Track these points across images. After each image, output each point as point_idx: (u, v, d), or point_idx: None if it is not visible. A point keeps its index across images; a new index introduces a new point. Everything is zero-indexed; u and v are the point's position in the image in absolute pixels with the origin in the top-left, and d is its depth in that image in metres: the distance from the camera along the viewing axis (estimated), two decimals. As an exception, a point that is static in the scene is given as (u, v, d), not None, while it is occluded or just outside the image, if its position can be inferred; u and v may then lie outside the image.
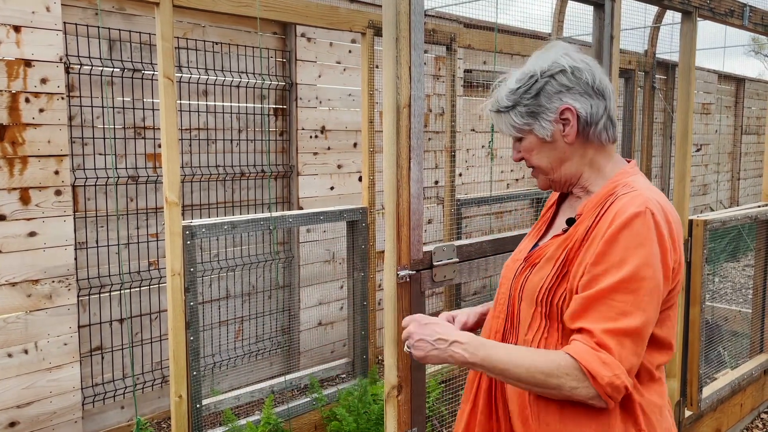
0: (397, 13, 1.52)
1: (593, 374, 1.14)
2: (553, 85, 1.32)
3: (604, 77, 1.35)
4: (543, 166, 1.38)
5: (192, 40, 3.65)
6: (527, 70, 1.36)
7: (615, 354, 1.15)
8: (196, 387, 2.80)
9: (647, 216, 1.20)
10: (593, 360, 1.15)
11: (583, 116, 1.32)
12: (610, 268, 1.19)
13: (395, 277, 1.59)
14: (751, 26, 3.02)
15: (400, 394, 1.65)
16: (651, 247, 1.19)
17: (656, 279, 1.19)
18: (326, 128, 4.30)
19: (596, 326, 1.17)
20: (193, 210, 3.71)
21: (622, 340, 1.16)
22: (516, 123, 1.36)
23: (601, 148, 1.36)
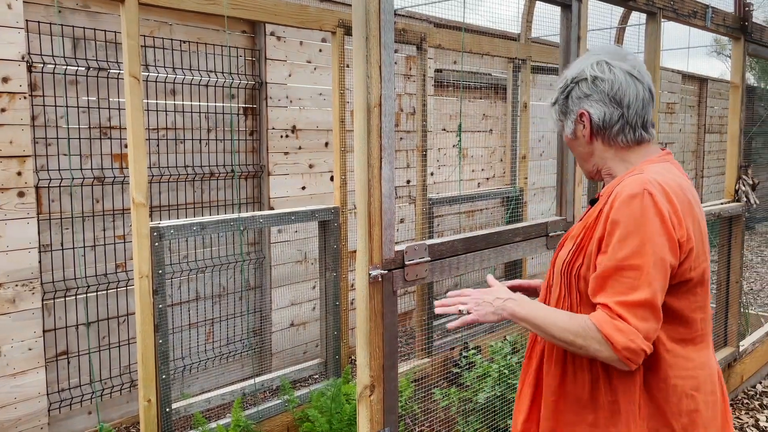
0: (366, 12, 1.52)
1: (610, 340, 1.30)
2: (576, 91, 1.50)
3: (627, 85, 1.47)
4: (576, 156, 1.60)
5: (159, 39, 3.59)
6: (566, 74, 1.54)
7: (630, 323, 1.30)
8: (166, 391, 2.76)
9: (645, 196, 1.33)
10: (610, 327, 1.30)
11: (596, 121, 1.49)
12: (617, 248, 1.33)
13: (367, 277, 1.59)
14: (713, 27, 3.09)
15: (372, 394, 1.65)
16: (650, 225, 1.32)
17: (658, 253, 1.32)
18: (297, 128, 4.28)
19: (611, 300, 1.32)
20: (162, 211, 3.65)
21: (635, 311, 1.30)
22: (555, 117, 1.58)
23: (626, 147, 1.50)
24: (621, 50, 1.53)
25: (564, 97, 1.52)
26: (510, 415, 3.05)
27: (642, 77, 1.48)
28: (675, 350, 1.41)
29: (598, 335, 1.31)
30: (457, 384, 3.63)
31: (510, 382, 3.19)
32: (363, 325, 1.62)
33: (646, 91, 1.48)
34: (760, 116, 8.93)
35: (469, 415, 3.16)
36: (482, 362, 3.40)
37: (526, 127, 4.64)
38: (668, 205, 1.35)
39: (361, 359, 1.64)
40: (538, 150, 6.52)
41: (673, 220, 1.34)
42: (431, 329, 4.05)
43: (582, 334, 1.33)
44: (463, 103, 5.67)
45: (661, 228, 1.32)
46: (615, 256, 1.33)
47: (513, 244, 2.06)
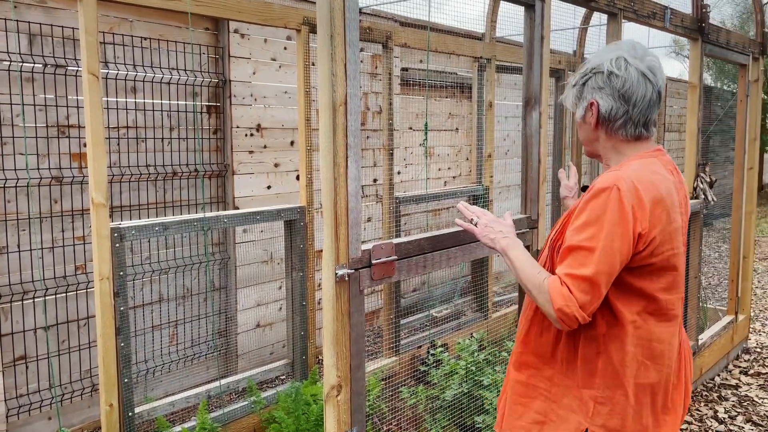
0: (331, 10, 1.50)
1: (551, 298, 1.49)
2: (592, 81, 1.65)
3: (637, 85, 1.61)
4: (581, 138, 1.76)
5: (119, 35, 3.51)
6: (590, 63, 1.68)
7: (572, 292, 1.48)
8: (128, 394, 2.70)
9: (613, 191, 1.50)
10: (556, 290, 1.49)
11: (602, 113, 1.64)
12: (577, 231, 1.52)
13: (334, 276, 1.58)
14: (671, 28, 3.16)
15: (339, 394, 1.63)
16: (609, 216, 1.49)
17: (609, 242, 1.48)
18: (262, 126, 4.23)
19: (562, 271, 1.52)
20: (123, 211, 3.57)
21: (578, 283, 1.48)
22: (571, 101, 1.72)
23: (625, 141, 1.66)
24: (642, 49, 1.64)
25: (582, 83, 1.67)
26: (477, 412, 3.08)
27: (654, 79, 1.62)
28: (636, 322, 1.58)
29: (547, 294, 1.50)
30: (424, 382, 3.64)
31: (477, 378, 3.21)
32: (330, 325, 1.60)
33: (654, 92, 1.62)
34: (717, 115, 9.18)
35: (437, 413, 3.18)
36: (449, 360, 3.42)
37: (491, 126, 4.68)
38: (634, 199, 1.49)
39: (327, 359, 1.62)
40: (504, 148, 6.58)
41: (636, 214, 1.49)
42: (399, 328, 4.05)
43: (537, 289, 1.54)
44: (429, 102, 5.69)
45: (618, 220, 1.48)
46: (574, 237, 1.52)
47: (479, 243, 2.07)
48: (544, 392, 1.68)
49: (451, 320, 4.67)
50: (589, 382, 1.60)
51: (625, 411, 1.58)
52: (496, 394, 3.06)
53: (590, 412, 1.59)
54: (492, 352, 3.53)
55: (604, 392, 1.58)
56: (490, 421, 2.95)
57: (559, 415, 1.64)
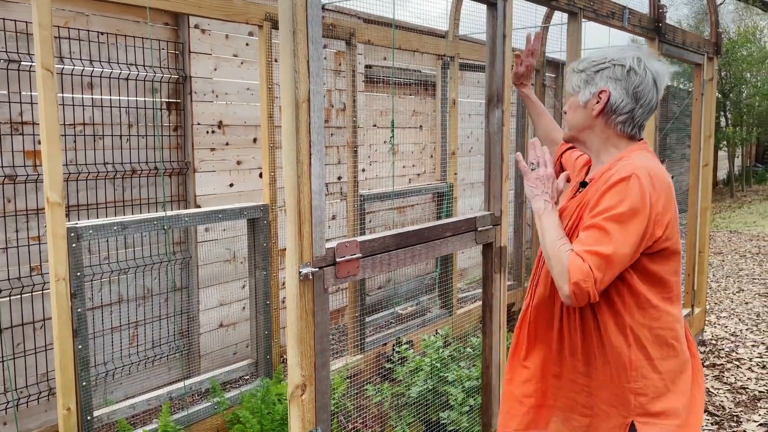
0: (293, 6, 1.49)
1: (569, 270, 1.54)
2: (610, 71, 1.70)
3: (649, 89, 1.70)
4: (571, 122, 1.79)
5: (74, 30, 3.42)
6: (608, 54, 1.73)
7: (591, 268, 1.53)
8: (87, 398, 2.64)
9: (632, 179, 1.57)
10: (576, 264, 1.55)
11: (611, 103, 1.70)
12: (597, 214, 1.58)
13: (297, 275, 1.56)
14: (630, 28, 3.22)
15: (304, 394, 1.62)
16: (631, 201, 1.56)
17: (630, 225, 1.56)
18: (224, 123, 4.17)
19: (581, 247, 1.57)
20: (80, 210, 3.48)
21: (596, 260, 1.54)
22: (574, 83, 1.76)
23: (620, 136, 1.74)
24: (658, 59, 1.74)
25: (595, 70, 1.71)
26: (442, 408, 3.09)
27: (659, 89, 1.71)
28: (659, 306, 1.66)
29: (565, 266, 1.55)
30: (390, 379, 3.64)
31: (442, 375, 3.23)
32: (294, 324, 1.59)
33: (657, 101, 1.72)
34: (674, 113, 9.40)
35: (402, 410, 3.18)
36: (414, 357, 3.43)
37: (455, 124, 4.70)
38: (651, 187, 1.58)
39: (291, 359, 1.61)
40: (467, 146, 6.63)
41: (653, 200, 1.58)
42: (364, 325, 4.05)
43: (557, 258, 1.59)
44: (393, 100, 5.69)
45: (639, 206, 1.56)
46: (595, 219, 1.58)
47: (443, 239, 2.08)
48: (585, 388, 1.73)
49: (416, 317, 4.69)
50: (624, 376, 1.65)
51: (663, 395, 1.65)
52: (461, 389, 3.08)
53: (631, 405, 1.65)
54: (457, 348, 3.55)
55: (640, 382, 1.65)
56: (454, 416, 2.96)
57: (602, 410, 1.70)
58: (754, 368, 4.37)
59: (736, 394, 3.94)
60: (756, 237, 9.43)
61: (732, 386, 4.06)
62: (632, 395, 1.65)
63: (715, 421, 3.59)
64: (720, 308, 5.85)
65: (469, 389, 3.09)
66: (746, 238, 9.33)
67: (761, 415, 3.64)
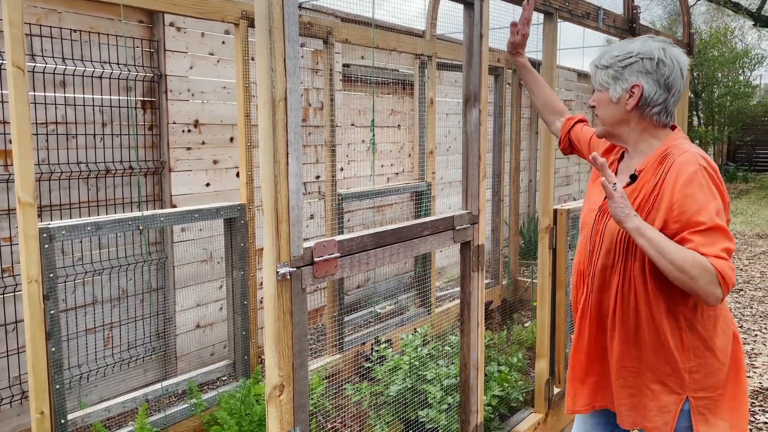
0: (269, 5, 1.48)
1: (727, 276, 1.58)
2: (639, 65, 1.75)
3: (678, 78, 1.76)
4: (605, 118, 1.84)
5: (46, 27, 3.36)
6: (631, 47, 1.77)
7: (730, 265, 1.61)
8: (60, 401, 2.60)
9: (702, 171, 1.65)
10: (727, 267, 1.58)
11: (645, 96, 1.76)
12: (696, 213, 1.62)
13: (275, 275, 1.55)
14: (604, 28, 3.26)
15: (282, 394, 1.61)
16: (713, 190, 1.65)
17: (722, 213, 1.65)
18: (200, 122, 4.14)
19: (713, 251, 1.60)
20: (53, 211, 3.42)
21: (729, 258, 1.60)
22: (602, 80, 1.81)
23: (656, 126, 1.80)
24: (672, 44, 1.79)
25: (623, 66, 1.76)
26: (420, 407, 3.10)
27: (685, 75, 1.78)
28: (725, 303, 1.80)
29: (714, 273, 1.57)
30: (368, 378, 3.64)
31: (420, 373, 3.24)
32: (271, 324, 1.58)
33: (683, 88, 1.78)
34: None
35: (381, 409, 3.19)
36: (393, 355, 3.44)
37: (432, 123, 4.71)
38: (714, 172, 1.68)
39: (269, 359, 1.60)
40: (445, 145, 6.66)
41: (720, 184, 1.68)
42: (342, 325, 4.04)
43: (699, 268, 1.58)
44: (374, 99, 5.69)
45: (718, 193, 1.66)
46: (701, 219, 1.61)
47: (421, 238, 2.08)
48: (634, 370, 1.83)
49: (395, 316, 4.69)
50: (679, 356, 1.75)
51: (717, 371, 1.76)
52: (439, 388, 3.09)
53: (686, 382, 1.76)
54: (435, 346, 3.56)
55: (693, 361, 1.75)
56: (433, 414, 2.97)
57: (649, 389, 1.80)
58: (727, 363, 4.44)
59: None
60: (728, 234, 9.60)
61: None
62: (687, 374, 1.76)
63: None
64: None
65: (448, 387, 3.11)
66: (718, 236, 9.49)
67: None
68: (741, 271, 7.22)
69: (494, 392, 3.16)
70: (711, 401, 1.78)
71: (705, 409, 1.77)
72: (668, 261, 1.62)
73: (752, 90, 15.94)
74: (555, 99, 2.39)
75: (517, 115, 5.86)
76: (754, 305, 5.88)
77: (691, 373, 1.76)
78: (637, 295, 1.78)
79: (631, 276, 1.79)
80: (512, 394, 3.26)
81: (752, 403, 3.78)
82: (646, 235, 1.65)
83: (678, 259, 1.60)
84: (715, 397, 1.78)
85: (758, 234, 9.57)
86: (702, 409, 1.77)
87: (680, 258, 1.60)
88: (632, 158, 1.87)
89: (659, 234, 1.65)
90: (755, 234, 9.58)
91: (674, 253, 1.61)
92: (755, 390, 3.98)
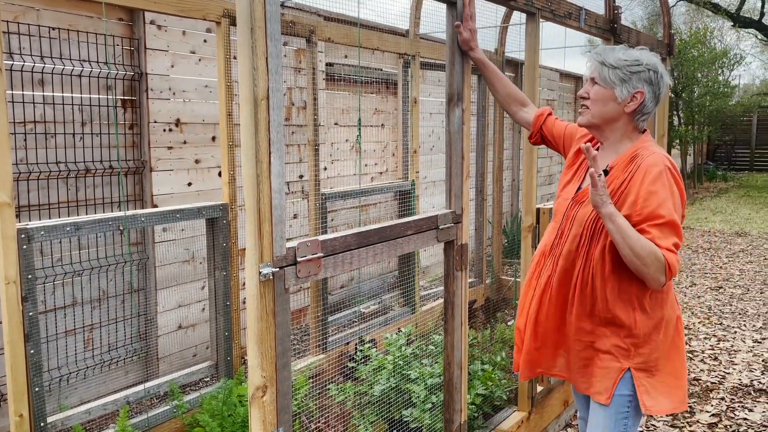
0: (251, 3, 1.46)
1: (672, 266, 1.81)
2: (646, 75, 1.95)
3: (665, 94, 2.03)
4: (599, 112, 1.99)
5: (24, 25, 3.31)
6: (638, 56, 1.96)
7: (677, 258, 1.84)
8: (40, 404, 2.56)
9: (667, 171, 1.86)
10: (674, 259, 1.82)
11: (643, 104, 1.97)
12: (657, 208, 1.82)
13: (258, 275, 1.54)
14: (586, 28, 3.28)
15: (265, 395, 1.60)
16: (674, 189, 1.86)
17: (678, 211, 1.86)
18: (181, 121, 4.10)
19: (666, 243, 1.82)
20: (31, 211, 3.37)
21: (675, 252, 1.83)
22: (609, 78, 1.96)
23: (635, 130, 2.02)
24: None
25: (632, 71, 1.94)
26: (404, 406, 3.10)
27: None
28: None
29: (663, 262, 1.80)
30: (352, 378, 3.64)
31: (404, 373, 3.24)
32: (254, 325, 1.57)
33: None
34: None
35: (365, 408, 3.18)
36: (377, 355, 3.43)
37: (416, 122, 4.72)
38: (677, 173, 1.89)
39: (252, 360, 1.59)
40: (429, 144, 6.66)
41: (680, 184, 1.88)
42: (326, 325, 4.03)
43: (652, 256, 1.79)
44: (360, 98, 5.68)
45: (678, 193, 1.87)
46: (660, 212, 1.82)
47: (405, 238, 2.08)
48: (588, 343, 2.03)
49: (379, 316, 4.69)
50: (628, 330, 1.95)
51: (658, 348, 1.97)
52: (423, 387, 3.10)
53: (631, 354, 1.96)
54: (419, 346, 3.57)
55: (642, 336, 1.95)
56: (417, 414, 2.97)
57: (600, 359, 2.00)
58: (707, 360, 4.50)
59: (690, 385, 4.06)
60: (707, 233, 9.72)
61: (685, 378, 4.18)
62: (633, 348, 1.95)
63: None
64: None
65: (432, 386, 3.11)
66: (698, 234, 9.62)
67: (713, 406, 3.76)
68: (720, 269, 7.32)
69: (478, 391, 3.17)
70: (652, 376, 1.97)
71: (647, 382, 1.96)
72: (629, 246, 1.81)
73: (731, 90, 16.16)
74: (516, 90, 2.48)
75: (500, 114, 5.88)
76: (734, 303, 5.96)
77: (637, 347, 1.96)
78: (595, 276, 1.97)
79: (592, 259, 1.98)
80: (496, 393, 3.27)
81: (732, 400, 3.84)
82: (616, 222, 1.83)
83: (637, 247, 1.80)
84: (656, 372, 1.97)
85: (737, 232, 9.71)
86: (644, 382, 1.96)
87: (639, 246, 1.80)
88: (605, 152, 2.04)
89: (626, 222, 1.84)
90: (734, 232, 9.72)
91: (635, 240, 1.81)
92: (735, 386, 4.03)
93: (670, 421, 3.57)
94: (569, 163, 2.21)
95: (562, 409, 3.44)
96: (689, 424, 3.54)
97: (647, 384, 1.97)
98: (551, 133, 2.38)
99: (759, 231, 9.80)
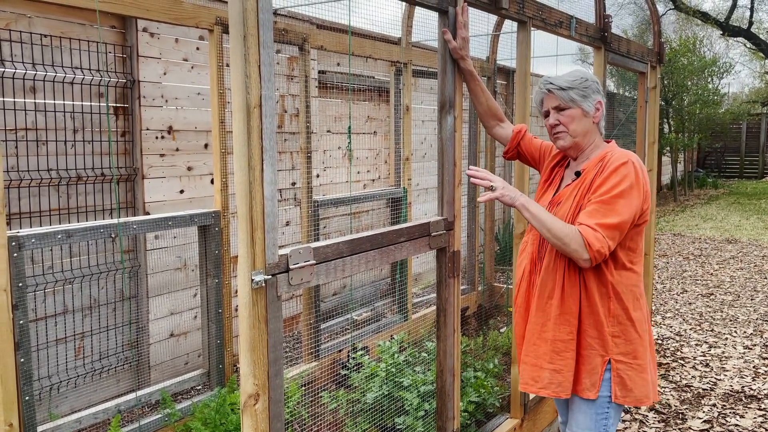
0: (244, 11, 1.47)
1: (589, 242, 1.94)
2: (595, 86, 2.16)
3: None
4: (577, 131, 2.15)
5: (16, 32, 3.30)
6: (581, 74, 2.16)
7: (605, 237, 1.95)
8: (30, 413, 2.54)
9: (629, 164, 2.02)
10: (591, 235, 1.95)
11: (604, 111, 2.20)
12: (603, 193, 1.99)
13: (250, 283, 1.54)
14: (577, 37, 3.30)
15: (257, 403, 1.60)
16: (630, 180, 1.99)
17: (631, 198, 1.98)
18: (174, 128, 4.09)
19: (591, 221, 1.97)
20: (22, 218, 3.36)
21: (608, 230, 1.96)
22: (572, 98, 2.13)
23: (600, 135, 2.22)
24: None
25: (584, 86, 2.12)
26: (397, 414, 3.10)
27: None
28: (632, 268, 2.10)
29: (581, 240, 1.94)
30: (345, 386, 3.63)
31: (397, 380, 3.23)
32: (246, 332, 1.56)
33: None
34: (620, 120, 9.68)
35: (358, 416, 3.17)
36: (370, 362, 3.43)
37: (408, 130, 4.73)
38: (641, 170, 2.03)
39: (244, 368, 1.58)
40: (421, 152, 6.68)
41: (644, 179, 2.03)
42: (319, 332, 4.02)
43: (569, 236, 1.96)
44: (351, 105, 5.69)
45: (636, 184, 1.99)
46: (602, 197, 1.98)
47: (397, 245, 2.08)
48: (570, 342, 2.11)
49: (371, 323, 4.68)
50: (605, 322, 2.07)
51: (634, 340, 2.08)
52: (416, 395, 3.09)
53: (609, 345, 2.07)
54: (412, 353, 3.56)
55: (617, 327, 2.07)
56: (410, 421, 2.97)
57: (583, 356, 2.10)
58: (698, 366, 4.52)
59: (682, 392, 4.08)
60: (698, 239, 9.78)
61: (677, 385, 4.19)
62: (610, 338, 2.07)
63: (661, 418, 3.70)
64: (665, 309, 6.05)
65: (425, 394, 3.11)
66: (689, 241, 9.67)
67: (705, 412, 3.77)
68: (711, 276, 7.36)
69: (471, 398, 3.17)
70: (629, 367, 2.09)
71: (624, 374, 2.08)
72: (546, 229, 1.99)
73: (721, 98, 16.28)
74: (497, 105, 2.59)
75: (492, 122, 5.88)
76: (725, 309, 5.99)
77: (614, 337, 2.08)
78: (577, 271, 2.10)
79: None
80: (488, 400, 3.27)
81: (723, 406, 3.85)
82: (530, 210, 2.03)
83: (554, 228, 1.97)
84: (633, 364, 2.09)
85: (727, 239, 9.77)
86: (621, 373, 2.08)
87: (556, 227, 1.97)
88: (579, 163, 2.22)
89: (541, 208, 2.05)
90: (724, 239, 9.78)
91: (551, 222, 1.99)
92: (726, 393, 4.05)
93: (662, 428, 3.58)
94: (545, 177, 2.35)
95: (554, 416, 3.45)
96: (681, 430, 3.55)
97: (626, 378, 2.09)
98: (528, 149, 2.52)
99: (749, 238, 9.86)
